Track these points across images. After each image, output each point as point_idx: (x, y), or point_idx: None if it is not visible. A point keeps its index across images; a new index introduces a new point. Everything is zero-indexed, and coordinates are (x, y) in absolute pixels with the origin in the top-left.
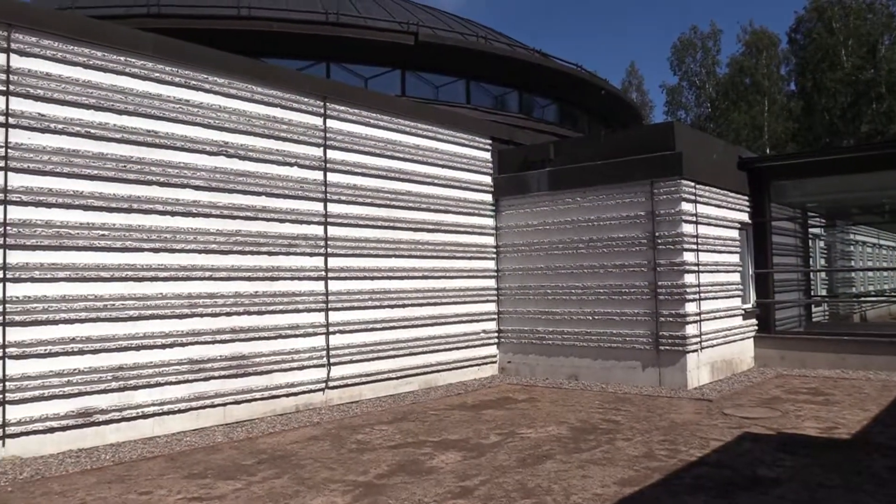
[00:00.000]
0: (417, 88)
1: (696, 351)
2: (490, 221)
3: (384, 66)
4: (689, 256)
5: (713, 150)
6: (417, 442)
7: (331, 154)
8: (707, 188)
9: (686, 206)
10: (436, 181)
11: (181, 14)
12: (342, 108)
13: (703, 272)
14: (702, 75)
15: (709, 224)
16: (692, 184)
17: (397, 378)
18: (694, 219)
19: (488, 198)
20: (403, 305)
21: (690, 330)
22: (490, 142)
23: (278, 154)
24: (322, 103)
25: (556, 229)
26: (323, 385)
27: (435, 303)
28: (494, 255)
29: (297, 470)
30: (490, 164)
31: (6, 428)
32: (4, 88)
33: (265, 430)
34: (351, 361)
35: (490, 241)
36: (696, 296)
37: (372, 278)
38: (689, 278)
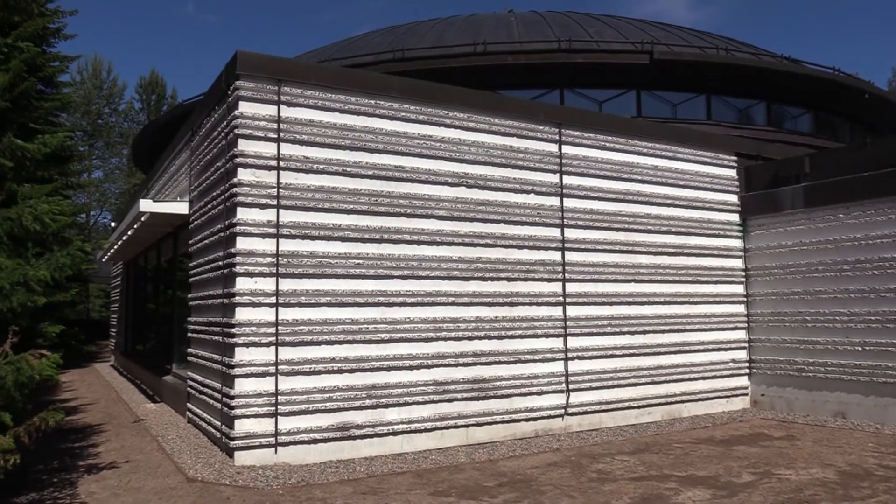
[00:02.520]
0: (654, 108)
1: None
2: (737, 243)
3: (618, 88)
4: None
5: None
6: (661, 476)
7: (567, 179)
8: None
9: None
10: (676, 202)
11: (423, 56)
12: (577, 133)
13: None
14: None
15: None
16: None
17: (638, 407)
18: None
19: (734, 218)
20: (644, 332)
21: None
22: (734, 158)
23: (515, 182)
24: (557, 130)
25: (814, 250)
26: (562, 411)
27: (678, 329)
28: (743, 279)
29: (537, 495)
30: (735, 182)
31: (278, 437)
32: (276, 136)
33: (505, 454)
34: (590, 388)
35: (737, 263)
36: None
37: (611, 304)
38: None
